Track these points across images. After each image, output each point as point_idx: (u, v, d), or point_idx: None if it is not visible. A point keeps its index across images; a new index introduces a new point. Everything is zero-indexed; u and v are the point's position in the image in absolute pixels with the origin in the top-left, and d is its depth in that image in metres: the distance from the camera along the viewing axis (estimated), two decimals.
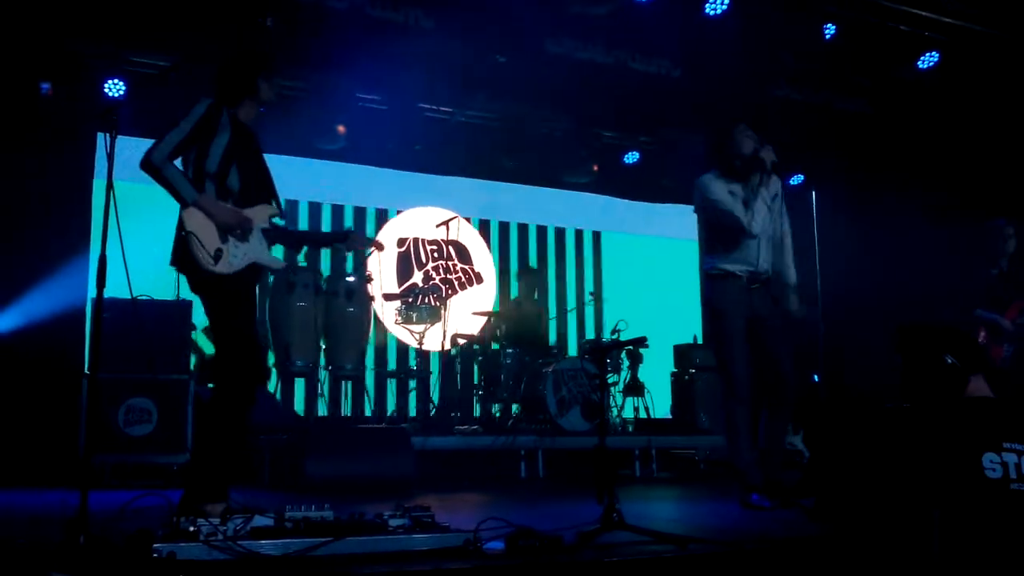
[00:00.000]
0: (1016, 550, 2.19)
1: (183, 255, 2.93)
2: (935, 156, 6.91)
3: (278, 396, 5.80)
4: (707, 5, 5.83)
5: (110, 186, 2.64)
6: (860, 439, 2.51)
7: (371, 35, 5.96)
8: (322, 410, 6.07)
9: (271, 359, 5.72)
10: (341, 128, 6.85)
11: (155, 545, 2.19)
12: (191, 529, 2.28)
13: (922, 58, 6.38)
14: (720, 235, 3.81)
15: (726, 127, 3.91)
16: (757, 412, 3.77)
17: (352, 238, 3.43)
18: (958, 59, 6.32)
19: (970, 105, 6.49)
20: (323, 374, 5.82)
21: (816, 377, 6.02)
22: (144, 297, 4.54)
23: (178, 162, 3.00)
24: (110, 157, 2.62)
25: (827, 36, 6.10)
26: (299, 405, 6.81)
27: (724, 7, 5.83)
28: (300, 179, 7.15)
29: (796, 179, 7.81)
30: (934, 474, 2.21)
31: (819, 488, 2.65)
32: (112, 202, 2.63)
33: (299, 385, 6.79)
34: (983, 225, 5.04)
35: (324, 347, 5.70)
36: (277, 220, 3.19)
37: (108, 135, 2.60)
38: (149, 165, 2.88)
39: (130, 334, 3.53)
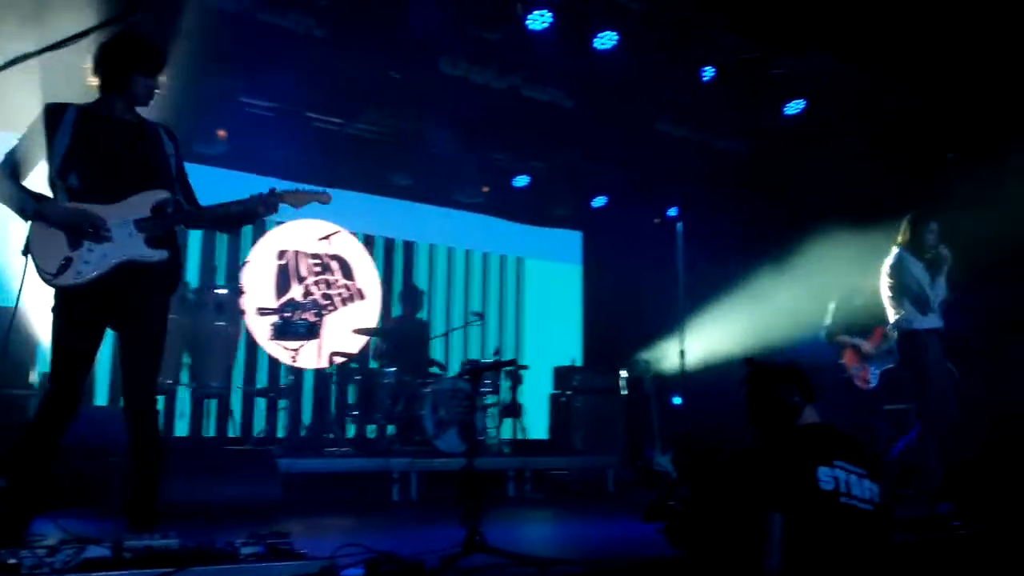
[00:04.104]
0: (845, 558, 2.39)
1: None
2: (802, 196, 7.42)
3: None
4: (596, 40, 6.02)
5: None
6: (714, 472, 2.68)
7: (260, 39, 5.78)
8: (182, 430, 5.72)
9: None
10: (222, 133, 6.58)
11: None
12: (11, 561, 2.09)
13: (789, 104, 6.86)
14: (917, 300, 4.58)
15: (925, 219, 4.63)
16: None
17: (278, 196, 3.00)
18: (823, 106, 6.83)
19: (835, 148, 7.03)
20: (185, 392, 5.49)
21: (678, 400, 6.30)
22: None
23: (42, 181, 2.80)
24: None
25: (705, 78, 6.44)
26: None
27: (613, 43, 6.04)
28: None
29: (672, 211, 8.18)
30: (775, 485, 2.39)
31: (670, 516, 2.79)
32: None
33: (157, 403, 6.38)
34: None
35: (188, 363, 5.39)
36: (185, 205, 2.98)
37: None
38: None
39: None
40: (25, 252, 2.72)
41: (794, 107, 6.81)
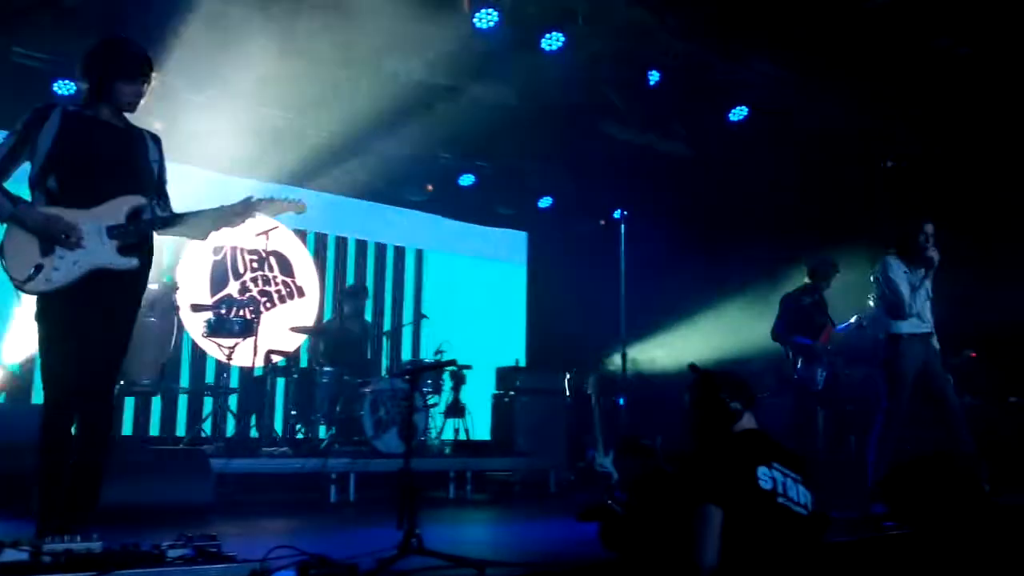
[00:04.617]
0: (776, 559, 2.43)
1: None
2: (744, 200, 7.59)
3: None
4: (543, 40, 6.02)
5: None
6: (652, 473, 2.70)
7: (208, 31, 5.60)
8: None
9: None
10: (157, 125, 6.32)
11: None
12: None
13: (733, 111, 7.00)
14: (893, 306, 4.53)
15: (918, 221, 4.58)
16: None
17: (253, 206, 2.91)
18: (765, 113, 6.99)
19: (778, 154, 7.21)
20: (115, 389, 5.26)
21: (622, 400, 6.35)
22: None
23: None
24: None
25: (651, 82, 6.51)
26: None
27: (560, 44, 6.05)
28: None
29: (616, 213, 8.25)
30: (714, 480, 2.43)
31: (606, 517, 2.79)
32: None
33: None
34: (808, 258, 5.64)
35: None
36: (160, 211, 2.91)
37: None
38: None
39: None
40: None
41: (738, 113, 6.95)
